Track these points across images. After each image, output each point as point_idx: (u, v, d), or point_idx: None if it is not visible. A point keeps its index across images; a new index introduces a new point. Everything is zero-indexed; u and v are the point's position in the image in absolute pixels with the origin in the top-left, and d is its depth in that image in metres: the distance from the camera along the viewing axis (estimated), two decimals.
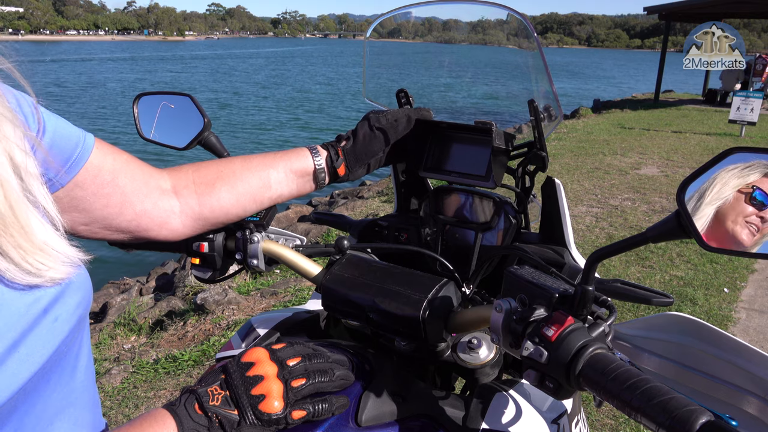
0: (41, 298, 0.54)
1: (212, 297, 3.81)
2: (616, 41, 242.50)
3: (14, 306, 0.51)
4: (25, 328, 0.52)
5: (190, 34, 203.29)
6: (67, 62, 52.27)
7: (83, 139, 0.71)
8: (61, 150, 0.67)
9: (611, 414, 2.60)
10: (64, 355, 0.58)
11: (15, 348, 0.50)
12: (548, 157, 1.11)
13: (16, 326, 0.51)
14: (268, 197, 0.93)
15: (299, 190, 0.97)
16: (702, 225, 0.60)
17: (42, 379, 0.54)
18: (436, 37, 1.67)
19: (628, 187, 6.67)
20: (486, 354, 0.87)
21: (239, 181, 0.90)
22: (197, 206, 0.87)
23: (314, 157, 0.96)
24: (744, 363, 0.73)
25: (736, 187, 0.60)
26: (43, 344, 0.54)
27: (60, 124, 0.68)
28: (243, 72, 46.65)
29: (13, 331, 0.51)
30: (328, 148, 0.98)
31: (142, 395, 2.87)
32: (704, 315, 3.60)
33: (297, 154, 0.96)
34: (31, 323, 0.53)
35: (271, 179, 0.92)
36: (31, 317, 0.53)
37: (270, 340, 1.00)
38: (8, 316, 0.51)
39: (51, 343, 0.55)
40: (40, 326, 0.54)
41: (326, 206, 8.15)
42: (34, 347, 0.52)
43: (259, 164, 0.92)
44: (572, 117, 13.94)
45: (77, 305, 0.59)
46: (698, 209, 0.61)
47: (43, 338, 0.54)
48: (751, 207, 0.60)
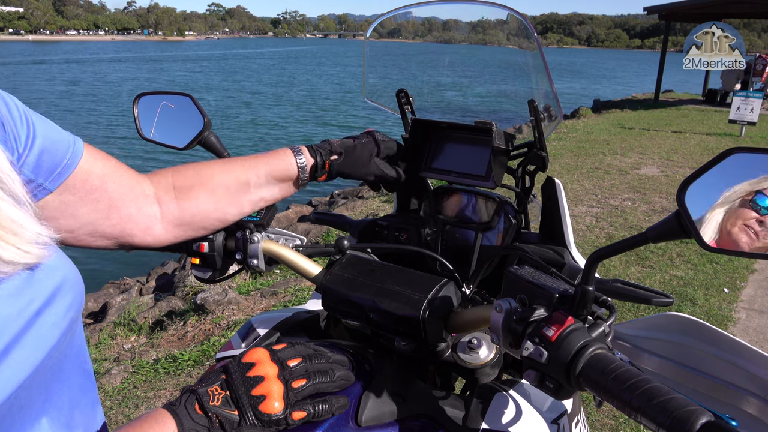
0: (33, 301, 0.54)
1: (212, 297, 3.81)
2: (616, 41, 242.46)
3: (5, 311, 0.51)
4: (17, 333, 0.51)
5: (190, 34, 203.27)
6: (75, 63, 52.25)
7: (73, 143, 0.71)
8: (51, 155, 0.66)
9: (611, 414, 2.60)
10: (57, 357, 0.57)
11: (7, 353, 0.50)
12: (548, 157, 1.11)
13: (7, 331, 0.50)
14: (249, 200, 0.91)
15: (282, 193, 0.95)
16: (703, 226, 0.60)
17: (34, 383, 0.53)
18: (436, 37, 1.67)
19: (628, 187, 6.67)
20: (486, 354, 0.87)
21: (218, 185, 0.88)
22: (177, 211, 0.86)
23: (297, 159, 0.93)
24: (744, 363, 0.73)
25: (740, 190, 0.60)
26: (35, 348, 0.53)
27: (50, 128, 0.68)
28: (254, 72, 46.56)
29: (5, 336, 0.50)
30: (316, 156, 0.95)
31: (142, 395, 2.87)
32: (704, 315, 3.60)
33: (278, 156, 0.93)
34: (22, 327, 0.52)
35: (251, 182, 0.90)
36: (22, 321, 0.52)
37: (270, 340, 1.00)
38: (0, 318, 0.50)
39: (43, 347, 0.54)
40: (32, 330, 0.53)
41: (326, 206, 8.15)
42: (25, 352, 0.51)
43: (239, 167, 0.90)
44: (572, 117, 13.94)
45: (69, 307, 0.58)
46: (700, 210, 0.60)
47: (35, 342, 0.53)
48: (752, 211, 0.60)
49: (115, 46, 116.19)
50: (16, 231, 0.52)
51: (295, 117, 21.33)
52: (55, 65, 48.01)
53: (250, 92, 30.15)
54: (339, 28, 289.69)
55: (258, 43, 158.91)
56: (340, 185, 10.65)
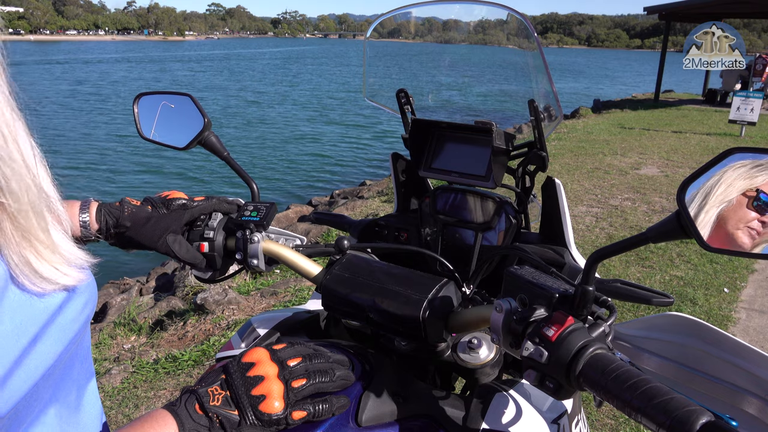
0: (55, 296, 0.56)
1: (212, 297, 3.81)
2: (616, 41, 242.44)
3: (35, 306, 0.53)
4: (43, 324, 0.53)
5: (190, 34, 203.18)
6: (82, 63, 52.23)
7: None
8: None
9: (611, 414, 2.61)
10: (71, 351, 0.59)
11: (35, 343, 0.51)
12: (548, 157, 1.11)
13: (37, 321, 0.52)
14: None
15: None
16: (703, 226, 0.60)
17: (51, 376, 0.55)
18: (436, 37, 1.67)
19: (628, 187, 6.67)
20: (486, 354, 0.87)
21: None
22: None
23: (80, 215, 0.91)
24: (744, 363, 0.73)
25: (741, 190, 0.59)
26: (56, 341, 0.55)
27: None
28: (258, 72, 46.44)
29: (35, 326, 0.52)
30: (101, 221, 0.93)
31: (142, 395, 2.87)
32: (704, 315, 3.60)
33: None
34: (47, 319, 0.54)
35: None
36: (48, 313, 0.54)
37: (270, 340, 1.00)
38: (30, 311, 0.52)
39: (62, 340, 0.56)
40: (55, 323, 0.55)
41: (326, 206, 8.15)
42: (49, 343, 0.53)
43: None
44: (572, 117, 13.94)
45: (84, 305, 0.60)
46: (700, 210, 0.60)
47: (56, 335, 0.55)
48: (753, 212, 0.60)
49: (116, 46, 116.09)
50: (58, 251, 0.54)
51: (300, 116, 21.35)
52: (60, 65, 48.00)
53: (256, 92, 30.21)
54: (339, 28, 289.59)
55: (258, 43, 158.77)
56: (340, 185, 10.66)
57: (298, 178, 12.23)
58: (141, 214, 0.96)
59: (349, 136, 17.16)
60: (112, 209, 0.95)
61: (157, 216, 0.96)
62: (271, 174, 12.47)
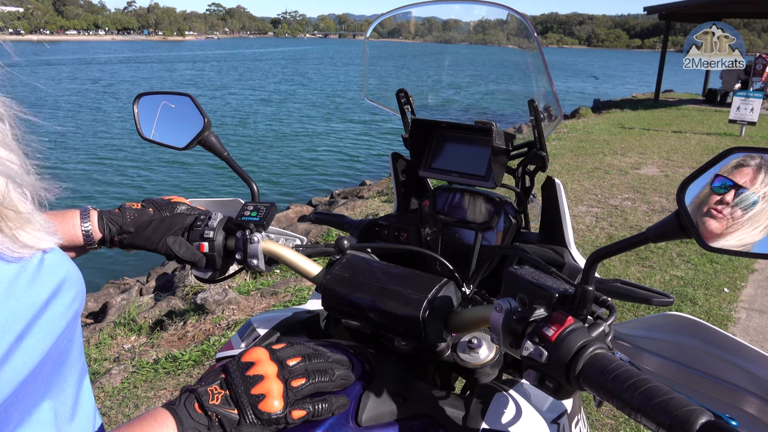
0: (41, 292, 0.55)
1: (212, 297, 3.81)
2: (616, 41, 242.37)
3: (20, 301, 0.52)
4: (29, 320, 0.53)
5: (190, 34, 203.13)
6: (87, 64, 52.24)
7: None
8: None
9: (611, 414, 2.60)
10: (62, 347, 0.59)
11: (21, 339, 0.51)
12: (548, 157, 1.11)
13: (21, 319, 0.52)
14: None
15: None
16: (702, 225, 0.60)
17: (41, 372, 0.55)
18: (436, 37, 1.67)
19: (628, 187, 6.67)
20: (486, 354, 0.87)
21: None
22: None
23: (82, 224, 0.92)
24: (744, 363, 0.73)
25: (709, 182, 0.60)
26: (44, 337, 0.54)
27: None
28: (265, 71, 46.43)
29: (20, 323, 0.51)
30: (104, 229, 0.93)
31: (142, 395, 2.87)
32: (704, 315, 3.60)
33: (62, 218, 0.91)
34: (34, 315, 0.53)
35: None
36: (34, 309, 0.54)
37: (270, 339, 1.00)
38: (15, 306, 0.52)
39: (51, 336, 0.55)
40: (43, 318, 0.54)
41: (326, 206, 8.15)
42: (36, 339, 0.53)
43: None
44: (572, 117, 13.94)
45: (72, 300, 0.60)
46: (700, 210, 0.60)
47: (44, 331, 0.54)
48: (715, 195, 0.60)
49: (116, 45, 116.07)
50: (29, 219, 0.55)
51: (313, 115, 21.37)
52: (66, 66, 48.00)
53: (269, 91, 30.27)
54: (339, 28, 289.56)
55: (259, 42, 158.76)
56: (340, 185, 10.66)
57: (299, 178, 12.23)
58: (143, 218, 0.97)
59: (349, 136, 17.17)
60: (113, 216, 0.95)
61: (158, 219, 0.97)
62: (270, 174, 12.48)
